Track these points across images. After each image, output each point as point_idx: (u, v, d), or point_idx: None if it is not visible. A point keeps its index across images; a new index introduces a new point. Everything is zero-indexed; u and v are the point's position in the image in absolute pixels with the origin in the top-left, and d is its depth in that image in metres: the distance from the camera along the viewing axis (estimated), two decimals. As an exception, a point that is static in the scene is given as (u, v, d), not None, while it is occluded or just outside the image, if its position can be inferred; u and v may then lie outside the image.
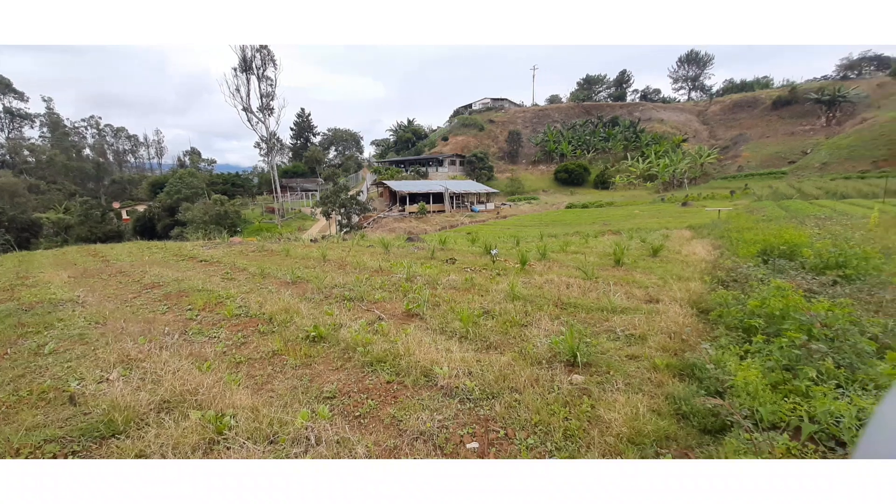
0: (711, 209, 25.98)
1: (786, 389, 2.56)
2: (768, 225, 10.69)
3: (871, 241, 7.12)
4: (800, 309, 3.31)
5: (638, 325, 4.46)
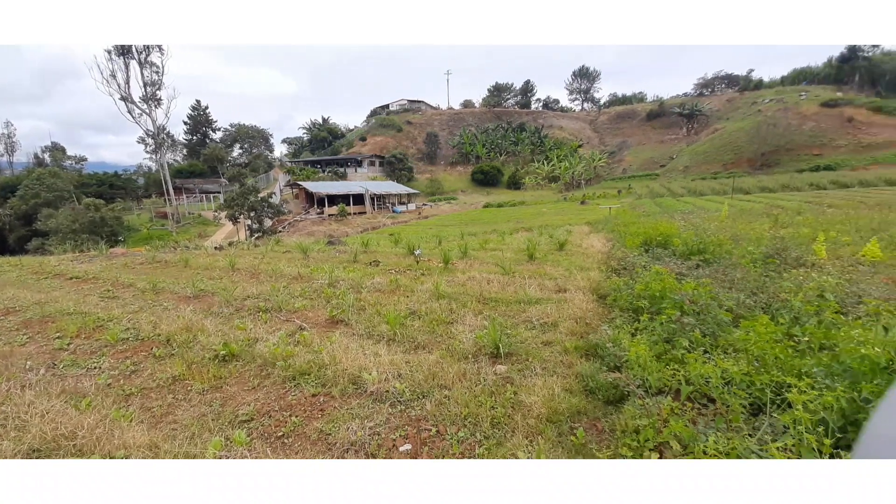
0: (604, 207, 29.26)
1: (667, 358, 3.02)
2: (647, 220, 12.41)
3: (723, 231, 8.69)
4: (674, 290, 3.93)
5: (550, 314, 4.85)
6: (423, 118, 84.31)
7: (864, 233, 8.08)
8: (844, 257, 6.22)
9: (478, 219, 32.81)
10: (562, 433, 2.65)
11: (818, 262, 5.69)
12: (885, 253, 6.04)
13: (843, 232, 8.32)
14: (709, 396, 2.58)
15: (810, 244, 6.50)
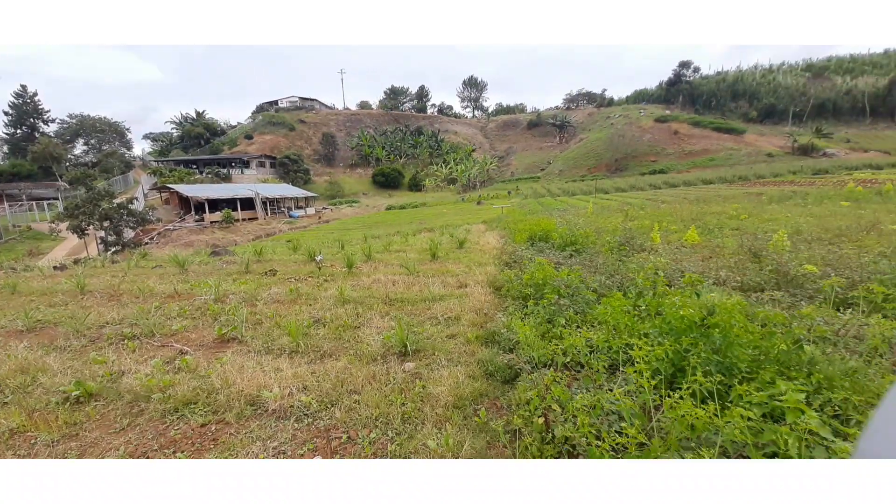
0: (497, 206, 31.56)
1: (549, 336, 3.47)
2: (532, 217, 13.82)
3: (589, 225, 10.16)
4: (553, 277, 4.51)
5: (453, 309, 5.12)
6: (318, 118, 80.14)
7: (686, 222, 10.22)
8: (673, 242, 7.80)
9: (381, 221, 32.50)
10: (467, 416, 2.86)
11: (655, 247, 7.04)
12: (701, 237, 7.75)
13: (672, 222, 10.42)
14: (581, 364, 3.05)
15: (649, 233, 7.99)
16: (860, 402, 2.15)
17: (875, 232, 6.64)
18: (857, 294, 3.69)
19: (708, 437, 1.79)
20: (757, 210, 11.77)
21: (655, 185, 40.43)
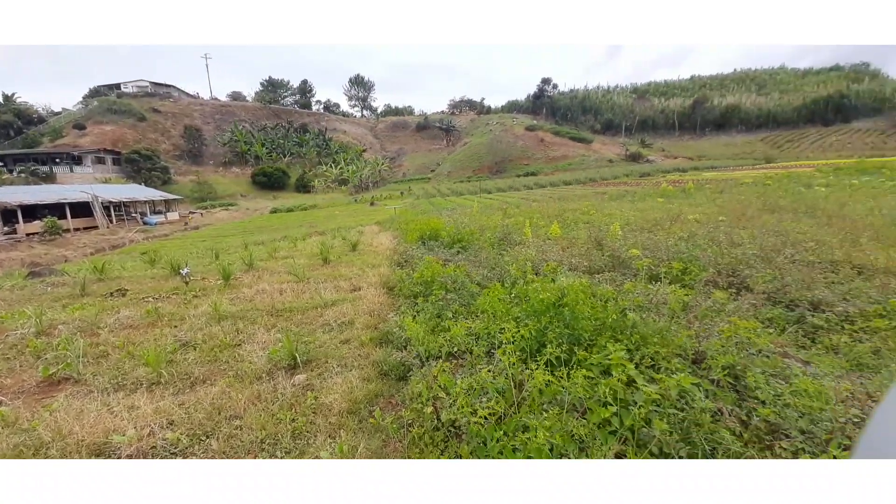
0: (390, 207, 31.55)
1: (439, 329, 3.66)
2: (423, 217, 14.24)
3: (474, 222, 10.93)
4: (440, 274, 4.77)
5: (347, 313, 5.00)
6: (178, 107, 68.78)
7: (551, 218, 11.72)
8: (541, 236, 8.89)
9: (266, 225, 29.55)
10: (362, 419, 2.85)
11: (527, 241, 7.95)
12: (562, 230, 8.98)
13: (541, 218, 11.86)
14: (467, 351, 3.31)
15: (523, 228, 8.97)
16: (667, 353, 2.81)
17: (679, 221, 8.61)
18: (664, 269, 4.78)
19: (559, 397, 2.15)
20: (601, 206, 14.14)
21: (529, 185, 45.26)
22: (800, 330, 3.38)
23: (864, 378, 2.61)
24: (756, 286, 4.09)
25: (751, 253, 4.95)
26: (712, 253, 5.16)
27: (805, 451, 1.98)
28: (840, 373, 2.65)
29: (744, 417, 2.24)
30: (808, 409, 2.17)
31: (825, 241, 5.54)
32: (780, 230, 6.45)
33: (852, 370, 2.76)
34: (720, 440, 2.05)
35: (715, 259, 4.93)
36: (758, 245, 5.37)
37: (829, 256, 4.89)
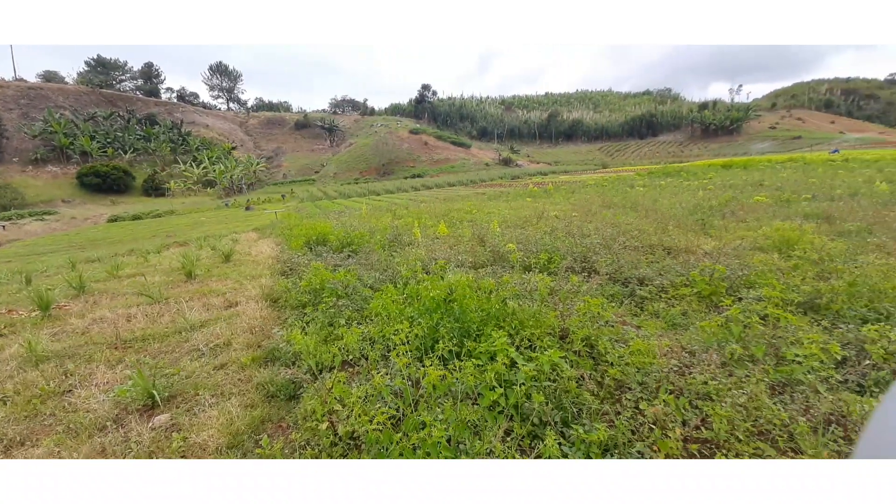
0: (270, 211, 28.65)
1: (332, 338, 3.46)
2: (309, 221, 13.31)
3: (364, 225, 10.66)
4: (330, 280, 4.52)
5: (221, 334, 4.36)
6: (-51, 88, 50.45)
7: (438, 218, 12.17)
8: (430, 235, 9.17)
9: (104, 238, 23.75)
10: (246, 452, 2.52)
11: (417, 241, 8.11)
12: (449, 229, 9.40)
13: (429, 218, 12.22)
14: (360, 355, 3.21)
15: (412, 229, 9.12)
16: (540, 333, 3.18)
17: (544, 218, 9.83)
18: (533, 261, 5.41)
19: (453, 388, 2.26)
20: (482, 206, 15.28)
21: (416, 187, 46.21)
22: (632, 301, 4.20)
23: (677, 334, 3.37)
24: (601, 269, 4.94)
25: (596, 242, 5.95)
26: (569, 244, 6.04)
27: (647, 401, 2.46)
28: (661, 332, 3.37)
29: (599, 379, 2.67)
30: (643, 365, 2.70)
31: (645, 230, 6.99)
32: (615, 222, 7.91)
33: (669, 329, 3.53)
34: (584, 402, 2.41)
35: (571, 249, 5.78)
36: (600, 235, 6.48)
37: (648, 241, 6.18)
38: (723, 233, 6.67)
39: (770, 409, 2.23)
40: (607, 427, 2.18)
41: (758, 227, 6.56)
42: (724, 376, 2.56)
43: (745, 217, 7.93)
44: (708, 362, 2.69)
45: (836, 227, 6.49)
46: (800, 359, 2.58)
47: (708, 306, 3.82)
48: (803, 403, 2.34)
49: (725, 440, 2.12)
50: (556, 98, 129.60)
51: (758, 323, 3.04)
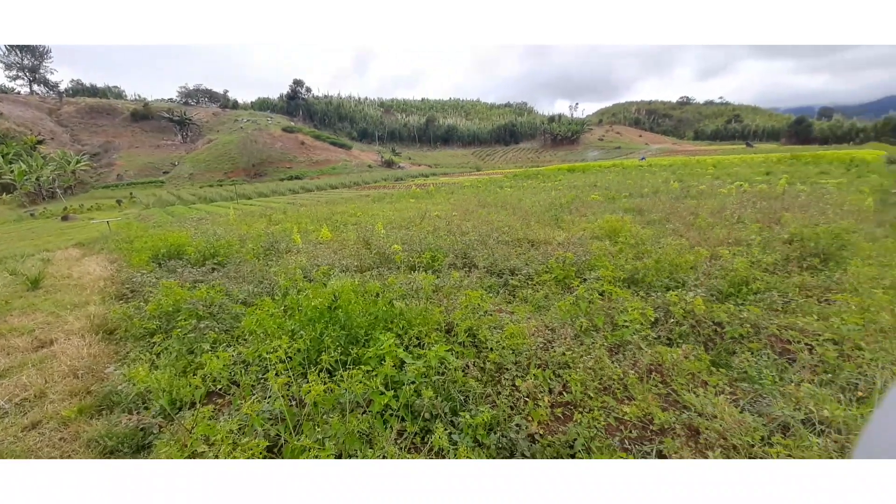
0: (99, 221, 22.82)
1: (192, 369, 2.92)
2: (158, 231, 11.03)
3: (232, 233, 9.32)
4: (186, 299, 3.80)
5: (30, 384, 3.28)
6: None
7: (320, 221, 11.44)
8: (312, 240, 8.55)
9: None
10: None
11: (297, 248, 7.47)
12: (332, 233, 8.90)
13: (310, 223, 11.39)
14: (235, 381, 2.79)
15: (292, 235, 8.37)
16: (428, 329, 3.24)
17: (427, 218, 10.12)
18: (418, 260, 5.53)
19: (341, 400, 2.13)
20: (367, 208, 14.96)
21: (295, 189, 42.57)
22: (506, 290, 4.64)
23: (542, 315, 3.83)
24: (479, 263, 5.33)
25: (474, 239, 6.39)
26: (450, 242, 6.35)
27: (521, 378, 2.72)
28: (529, 315, 3.79)
29: (482, 365, 2.87)
30: (516, 346, 3.00)
31: (513, 226, 7.81)
32: (489, 220, 8.64)
33: (535, 311, 4.00)
34: (470, 388, 2.55)
35: (452, 246, 6.09)
36: (477, 233, 6.99)
37: (516, 236, 6.92)
38: (570, 226, 7.90)
39: (610, 367, 2.72)
40: (490, 408, 2.35)
41: (594, 220, 7.96)
42: (576, 346, 3.02)
43: (585, 212, 9.55)
44: (564, 336, 3.14)
45: (645, 218, 8.31)
46: (627, 323, 3.21)
47: (563, 288, 4.47)
48: (632, 359, 2.92)
49: (581, 399, 2.50)
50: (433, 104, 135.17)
51: (598, 298, 3.68)
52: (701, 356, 2.88)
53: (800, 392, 2.48)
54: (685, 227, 6.81)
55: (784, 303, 3.70)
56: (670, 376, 2.73)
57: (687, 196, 11.18)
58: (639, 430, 2.32)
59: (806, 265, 4.78)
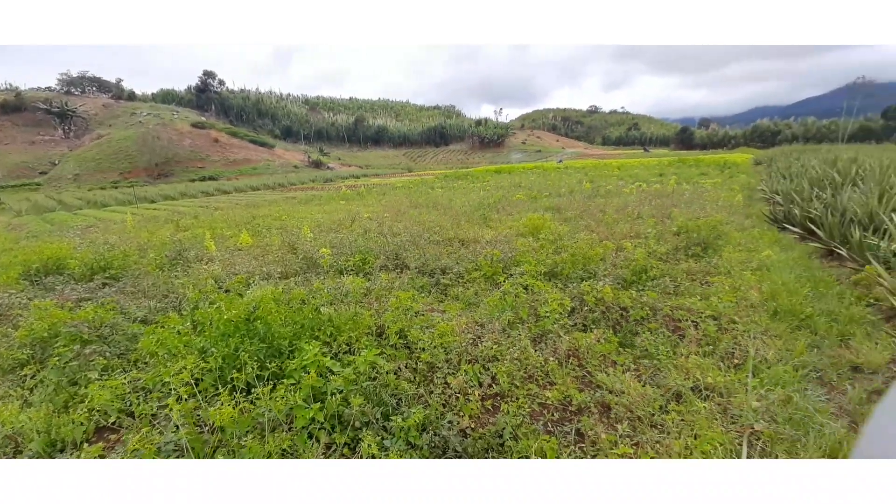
0: (-56, 232, 18.27)
1: (74, 403, 2.46)
2: (32, 243, 9.16)
3: (129, 241, 8.08)
4: (67, 322, 3.19)
5: None
6: None
7: (239, 226, 10.46)
8: (229, 247, 7.78)
9: None
10: None
11: (211, 256, 6.73)
12: (253, 238, 8.19)
13: (227, 227, 10.35)
14: (131, 412, 2.41)
15: (205, 241, 7.53)
16: (358, 334, 3.13)
17: (358, 220, 9.80)
18: (348, 263, 5.33)
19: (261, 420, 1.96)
20: (293, 211, 14.05)
21: (208, 192, 38.37)
22: (438, 289, 4.68)
23: (472, 311, 3.92)
24: (411, 264, 5.30)
25: (405, 240, 6.35)
26: (381, 243, 6.23)
27: (452, 375, 2.75)
28: (460, 312, 3.87)
29: (414, 366, 2.85)
30: (448, 344, 3.03)
31: (444, 226, 7.91)
32: (421, 221, 8.65)
33: (466, 309, 4.09)
34: (402, 391, 2.52)
35: (383, 248, 5.98)
36: (409, 233, 6.96)
37: (447, 235, 7.02)
38: (498, 224, 8.25)
39: (533, 356, 2.89)
40: (423, 408, 2.34)
41: (519, 218, 8.41)
42: (504, 339, 3.15)
43: (511, 211, 10.05)
44: (493, 330, 3.26)
45: (563, 215, 9.00)
46: (548, 314, 3.43)
47: (491, 284, 4.64)
48: (553, 347, 3.13)
49: (509, 390, 2.61)
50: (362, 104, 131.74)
51: (522, 292, 3.88)
52: (610, 339, 3.19)
53: (689, 363, 2.86)
54: (596, 223, 7.51)
55: (675, 287, 4.25)
56: (586, 359, 2.98)
57: (597, 195, 12.34)
58: (560, 412, 2.49)
59: (691, 253, 5.56)
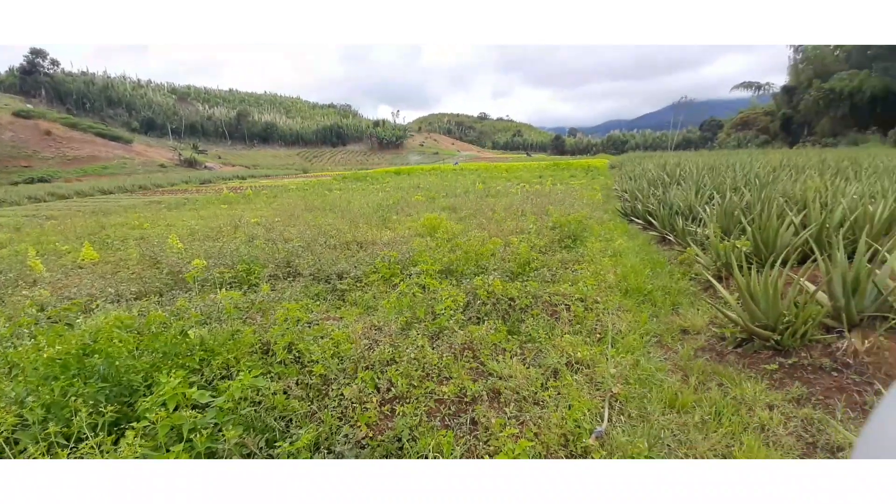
0: None
1: None
2: None
3: None
4: None
5: None
6: None
7: (83, 238, 8.36)
8: (67, 265, 6.17)
9: None
10: None
11: (38, 277, 5.24)
12: (101, 252, 6.62)
13: (63, 241, 8.18)
14: None
15: (27, 259, 5.83)
16: (238, 355, 2.76)
17: (242, 226, 8.71)
18: (229, 275, 4.70)
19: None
20: (158, 217, 11.82)
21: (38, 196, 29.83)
22: (335, 295, 4.44)
23: (370, 315, 3.81)
24: (304, 271, 4.92)
25: (298, 245, 5.87)
26: (270, 251, 5.65)
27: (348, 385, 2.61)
28: (358, 318, 3.72)
29: (307, 381, 2.64)
30: (344, 352, 2.88)
31: (342, 229, 7.56)
32: (316, 224, 8.12)
33: (365, 313, 3.96)
34: (293, 410, 2.31)
35: (273, 255, 5.43)
36: (303, 238, 6.46)
37: (344, 239, 6.71)
38: (397, 225, 8.22)
39: (430, 354, 2.94)
40: (316, 426, 2.18)
41: (417, 219, 8.52)
42: (401, 340, 3.14)
43: (410, 212, 10.13)
44: (389, 332, 3.22)
45: (458, 215, 9.41)
46: (443, 310, 3.53)
47: (389, 286, 4.59)
48: (448, 342, 3.23)
49: (407, 391, 2.60)
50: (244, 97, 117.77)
51: (419, 291, 3.92)
52: (500, 328, 3.43)
53: (563, 342, 3.24)
54: (487, 221, 8.05)
55: (552, 275, 4.80)
56: (479, 350, 3.15)
57: (488, 195, 13.25)
58: (456, 405, 2.58)
59: (564, 245, 6.35)
